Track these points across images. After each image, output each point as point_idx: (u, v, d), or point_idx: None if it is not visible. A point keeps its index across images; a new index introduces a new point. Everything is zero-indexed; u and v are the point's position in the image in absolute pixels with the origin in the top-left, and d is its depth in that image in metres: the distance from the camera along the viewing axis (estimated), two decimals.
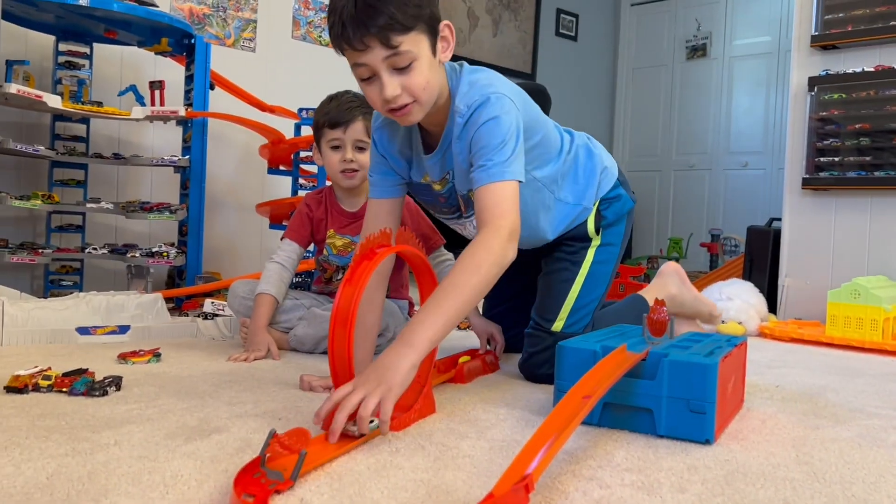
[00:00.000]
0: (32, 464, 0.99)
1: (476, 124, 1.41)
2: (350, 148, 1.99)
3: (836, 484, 1.02)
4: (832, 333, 2.49)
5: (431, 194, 1.64)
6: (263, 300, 1.95)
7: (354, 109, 1.98)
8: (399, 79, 1.32)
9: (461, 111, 1.43)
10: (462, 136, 1.44)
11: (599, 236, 1.79)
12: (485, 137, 1.40)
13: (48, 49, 2.85)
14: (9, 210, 2.68)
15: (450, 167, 1.54)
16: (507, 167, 1.38)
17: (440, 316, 1.25)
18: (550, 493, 0.94)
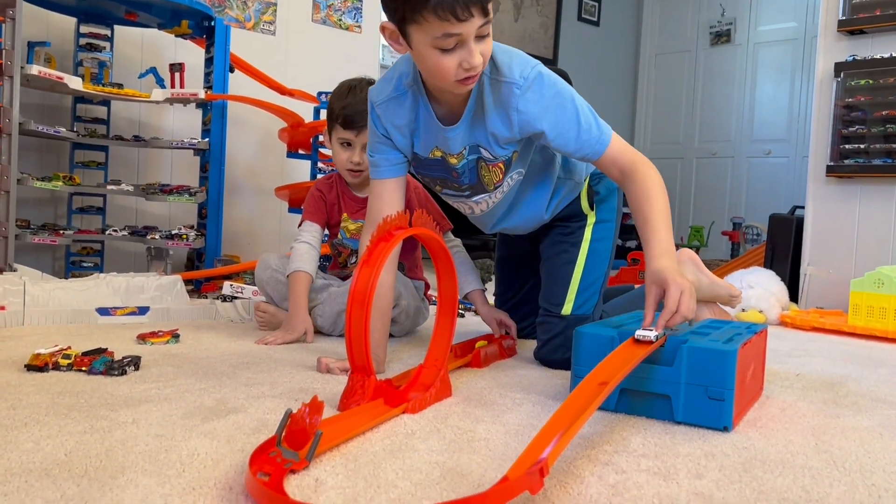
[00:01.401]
0: (52, 440, 0.99)
1: (540, 99, 1.44)
2: (359, 150, 1.95)
3: (855, 472, 1.01)
4: (854, 323, 2.46)
5: (443, 169, 1.60)
6: (300, 278, 1.90)
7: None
8: (480, 47, 1.34)
9: (517, 82, 1.43)
10: (521, 108, 1.44)
11: (594, 213, 1.78)
12: (566, 114, 1.46)
13: (69, 31, 2.86)
14: (31, 191, 2.70)
15: (477, 139, 1.52)
16: (603, 129, 1.48)
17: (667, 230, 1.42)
18: (566, 477, 0.93)
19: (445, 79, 1.37)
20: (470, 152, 1.55)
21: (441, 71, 1.35)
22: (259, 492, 0.80)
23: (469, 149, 1.54)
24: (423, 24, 1.29)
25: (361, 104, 1.87)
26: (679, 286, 1.29)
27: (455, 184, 1.64)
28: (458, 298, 1.35)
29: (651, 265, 1.36)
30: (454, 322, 1.34)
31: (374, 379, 1.20)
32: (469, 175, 1.60)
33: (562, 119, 1.45)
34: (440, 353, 1.32)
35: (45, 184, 2.53)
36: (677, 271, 1.33)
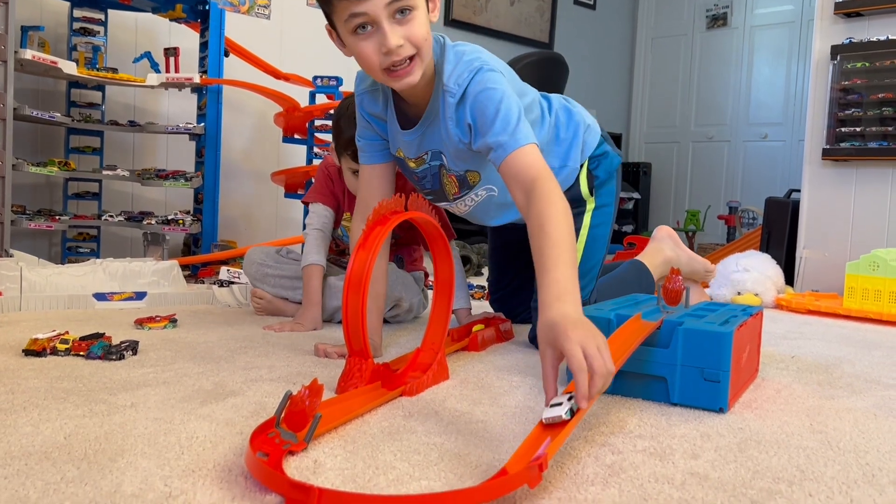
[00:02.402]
0: (51, 424, 1.00)
1: (471, 103, 1.36)
2: None
3: (849, 453, 1.02)
4: (850, 305, 2.47)
5: (407, 170, 1.58)
6: (314, 272, 1.85)
7: None
8: (401, 29, 1.25)
9: (451, 90, 1.36)
10: (457, 118, 1.38)
11: (594, 198, 1.74)
12: (486, 114, 1.34)
13: (63, 15, 2.84)
14: (26, 177, 2.70)
15: (430, 147, 1.47)
16: (518, 135, 1.32)
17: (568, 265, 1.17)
18: (562, 458, 0.94)
19: (372, 68, 1.31)
20: (432, 158, 1.50)
21: (365, 59, 1.29)
22: (259, 470, 0.81)
23: (431, 154, 1.49)
24: (336, 10, 1.26)
25: None
26: (578, 340, 0.98)
27: (421, 187, 1.61)
28: (454, 282, 1.36)
29: (542, 316, 1.08)
30: (451, 306, 1.34)
31: (372, 362, 1.20)
32: (431, 181, 1.56)
33: (481, 118, 1.35)
34: (437, 336, 1.32)
35: (41, 169, 2.52)
36: (576, 320, 1.04)
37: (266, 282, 1.98)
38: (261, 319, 1.92)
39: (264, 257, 1.99)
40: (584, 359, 0.96)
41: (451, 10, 5.33)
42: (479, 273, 3.30)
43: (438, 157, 1.50)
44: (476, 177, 1.52)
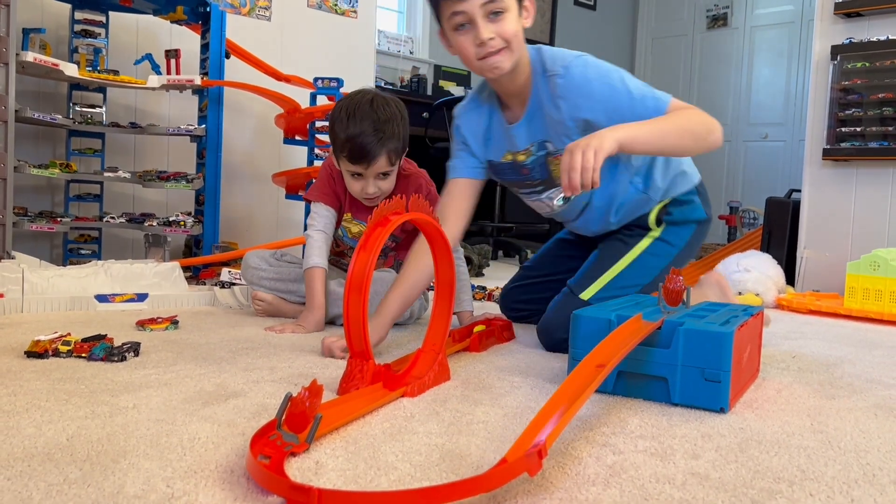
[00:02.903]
0: (53, 426, 1.00)
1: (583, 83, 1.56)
2: (373, 180, 1.85)
3: (850, 452, 1.02)
4: (850, 305, 2.47)
5: (514, 170, 1.74)
6: (316, 274, 1.84)
7: (377, 145, 1.78)
8: (493, 25, 1.48)
9: (558, 72, 1.57)
10: (565, 95, 1.57)
11: (660, 229, 1.78)
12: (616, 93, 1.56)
13: (64, 17, 2.85)
14: (28, 179, 2.70)
15: (535, 138, 1.66)
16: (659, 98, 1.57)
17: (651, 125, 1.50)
18: (564, 458, 0.94)
19: (469, 60, 1.52)
20: (538, 148, 1.68)
21: (463, 52, 1.52)
22: (260, 474, 0.81)
23: (536, 145, 1.68)
24: (442, 10, 1.49)
25: (367, 135, 1.77)
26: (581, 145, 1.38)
27: (528, 181, 1.76)
28: (454, 284, 1.36)
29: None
30: (451, 307, 1.35)
31: (373, 363, 1.21)
32: (539, 171, 1.72)
33: (612, 98, 1.56)
34: (438, 337, 1.32)
35: (42, 171, 2.52)
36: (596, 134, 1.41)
37: (262, 285, 1.98)
38: (262, 321, 1.92)
39: (259, 262, 1.99)
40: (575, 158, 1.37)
41: None
42: (479, 274, 3.30)
43: (544, 146, 1.68)
44: None
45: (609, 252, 1.79)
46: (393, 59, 4.98)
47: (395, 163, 1.86)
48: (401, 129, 1.85)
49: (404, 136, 1.87)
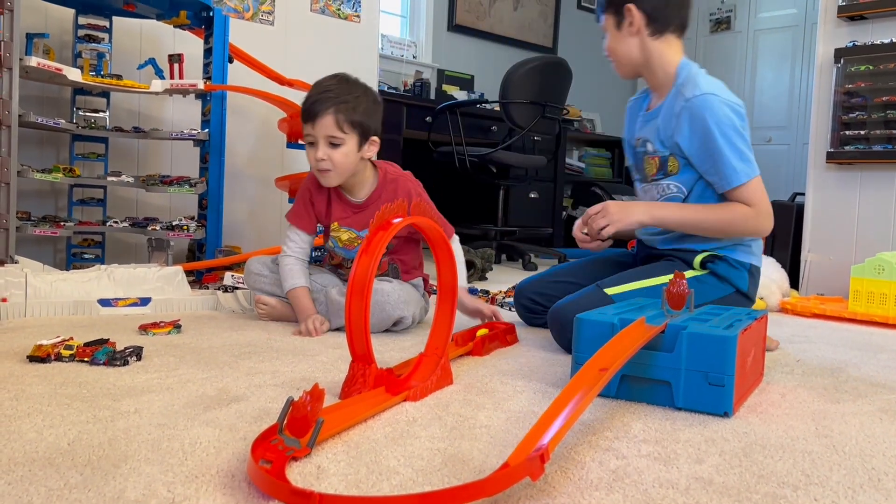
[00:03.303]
0: (54, 430, 1.00)
1: (694, 119, 1.73)
2: (322, 144, 1.82)
3: (855, 457, 1.01)
4: (855, 309, 2.46)
5: (634, 153, 1.97)
6: (300, 293, 1.89)
7: (325, 101, 1.80)
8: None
9: (685, 94, 1.76)
10: (681, 115, 1.76)
11: (701, 272, 1.81)
12: (710, 140, 1.71)
13: (68, 22, 2.85)
14: (31, 183, 2.70)
15: (642, 135, 1.88)
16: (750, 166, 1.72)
17: (682, 211, 1.77)
18: (567, 462, 0.94)
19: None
20: (641, 144, 1.90)
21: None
22: (261, 479, 0.81)
23: (642, 141, 1.89)
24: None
25: (316, 94, 1.82)
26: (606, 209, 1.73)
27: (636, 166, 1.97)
28: (457, 287, 1.36)
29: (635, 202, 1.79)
30: (454, 311, 1.34)
31: (375, 367, 1.20)
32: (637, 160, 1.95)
33: (706, 143, 1.72)
34: (441, 341, 1.32)
35: (46, 176, 2.52)
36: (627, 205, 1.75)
37: (265, 291, 1.98)
38: (265, 325, 1.92)
39: (260, 268, 2.00)
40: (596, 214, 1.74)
41: (454, 15, 5.33)
42: (483, 278, 3.30)
43: (644, 144, 1.90)
44: (676, 166, 1.82)
45: (651, 268, 1.83)
46: (396, 63, 4.98)
47: (348, 132, 1.82)
48: (362, 104, 1.84)
49: (366, 114, 1.85)
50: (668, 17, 1.81)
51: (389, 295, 1.83)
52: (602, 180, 5.83)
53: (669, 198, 1.85)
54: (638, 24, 1.80)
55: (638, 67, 1.87)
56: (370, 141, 1.89)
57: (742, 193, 1.73)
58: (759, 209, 1.74)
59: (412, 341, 1.78)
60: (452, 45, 5.39)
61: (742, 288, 1.82)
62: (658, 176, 1.86)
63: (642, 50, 1.83)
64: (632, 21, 1.80)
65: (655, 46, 1.83)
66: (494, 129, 4.64)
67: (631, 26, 1.81)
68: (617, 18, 1.83)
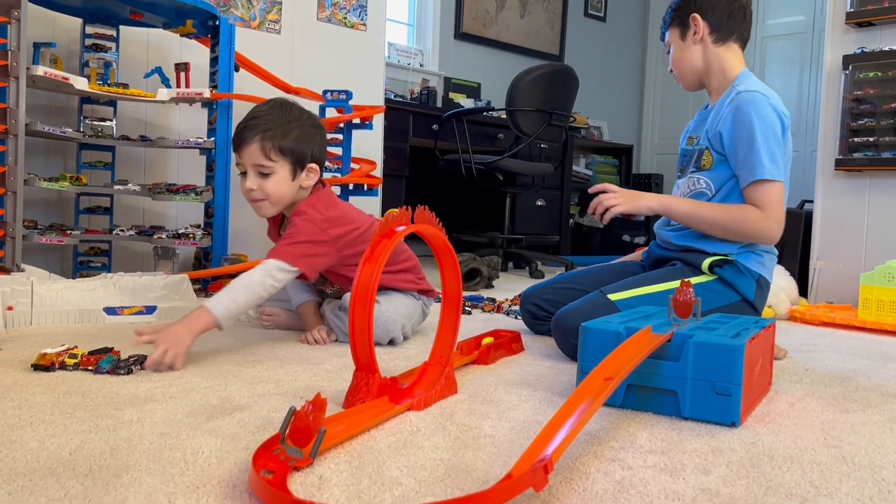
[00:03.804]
0: (56, 439, 0.99)
1: (739, 109, 1.77)
2: (252, 174, 1.74)
3: (865, 468, 1.00)
4: (865, 317, 2.44)
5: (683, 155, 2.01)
6: (308, 308, 1.91)
7: (252, 128, 1.71)
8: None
9: (738, 88, 1.82)
10: (729, 106, 1.81)
11: (709, 277, 1.80)
12: (746, 131, 1.75)
13: (75, 32, 2.86)
14: (38, 192, 2.71)
15: (701, 127, 1.92)
16: (776, 169, 1.75)
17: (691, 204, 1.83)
18: (571, 473, 0.93)
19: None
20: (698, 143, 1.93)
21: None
22: (263, 490, 0.80)
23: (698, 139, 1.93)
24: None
25: (246, 121, 1.73)
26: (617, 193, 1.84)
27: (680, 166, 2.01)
28: (462, 295, 1.35)
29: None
30: (458, 319, 1.34)
31: (379, 376, 1.19)
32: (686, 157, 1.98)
33: (740, 135, 1.77)
34: (445, 350, 1.31)
35: (52, 184, 2.53)
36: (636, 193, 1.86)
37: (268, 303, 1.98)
38: (269, 333, 1.92)
39: None
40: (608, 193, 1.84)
41: (461, 23, 5.34)
42: (489, 286, 3.29)
43: (693, 142, 1.95)
44: (709, 160, 1.86)
45: (655, 275, 1.83)
46: (403, 71, 4.99)
47: (276, 159, 1.72)
48: (294, 130, 1.73)
49: (299, 140, 1.74)
50: (730, 27, 1.91)
51: (377, 319, 1.74)
52: None
53: (697, 193, 1.88)
54: (702, 31, 1.90)
55: (700, 75, 1.95)
56: (308, 168, 1.77)
57: (760, 190, 1.75)
58: (770, 213, 1.76)
59: (416, 350, 1.77)
60: (459, 52, 5.39)
61: (748, 297, 1.81)
62: (692, 169, 1.92)
63: (705, 57, 1.92)
64: (696, 30, 1.90)
65: (718, 52, 1.91)
66: (501, 137, 4.64)
67: (695, 35, 1.91)
68: (682, 30, 1.93)
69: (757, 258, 1.83)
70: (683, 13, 1.92)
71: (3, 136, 2.19)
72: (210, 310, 1.55)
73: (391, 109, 3.93)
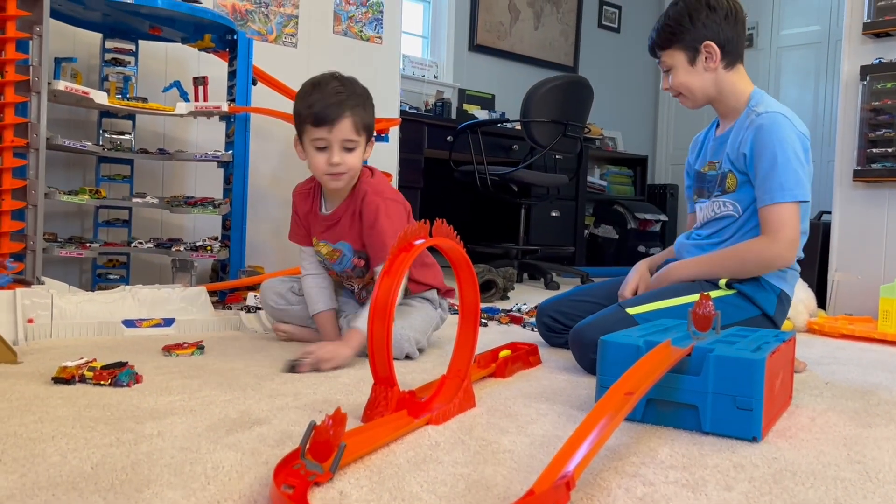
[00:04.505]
0: (78, 454, 1.00)
1: (761, 131, 1.76)
2: (337, 149, 1.75)
3: (890, 484, 0.99)
4: (885, 330, 2.42)
5: (701, 179, 1.98)
6: (326, 318, 1.90)
7: (342, 105, 1.72)
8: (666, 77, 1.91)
9: (759, 111, 1.79)
10: (751, 127, 1.79)
11: (727, 291, 1.79)
12: (768, 153, 1.74)
13: (95, 46, 2.90)
14: (58, 205, 2.74)
15: (722, 152, 1.87)
16: (791, 190, 1.72)
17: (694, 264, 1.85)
18: (592, 489, 0.92)
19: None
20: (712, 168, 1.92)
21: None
22: None
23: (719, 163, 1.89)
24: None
25: (331, 96, 1.72)
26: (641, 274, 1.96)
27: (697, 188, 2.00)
28: (479, 308, 1.35)
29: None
30: (476, 332, 1.33)
31: (398, 390, 1.19)
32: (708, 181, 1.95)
33: (762, 155, 1.75)
34: (463, 363, 1.31)
35: (72, 197, 2.56)
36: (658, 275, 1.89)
37: (282, 318, 2.00)
38: (287, 345, 1.92)
39: (276, 299, 2.01)
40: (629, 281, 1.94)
41: (475, 35, 5.36)
42: (504, 297, 3.28)
43: (716, 167, 1.91)
44: (734, 183, 1.85)
45: (674, 288, 1.82)
46: (417, 83, 5.01)
47: (361, 135, 1.76)
48: (369, 105, 1.80)
49: (371, 115, 1.81)
50: (739, 51, 1.88)
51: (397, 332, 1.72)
52: (624, 198, 5.80)
53: (723, 216, 1.87)
54: (717, 59, 1.84)
55: (710, 99, 1.92)
56: (370, 143, 1.85)
57: (772, 213, 1.74)
58: (779, 236, 1.74)
59: (434, 363, 1.77)
60: (473, 64, 5.41)
61: (769, 311, 1.80)
62: (716, 192, 1.90)
63: (717, 83, 1.88)
64: (711, 57, 1.85)
65: (729, 77, 1.88)
66: (515, 148, 4.64)
67: (708, 62, 1.85)
68: (690, 55, 1.86)
69: (779, 273, 1.82)
70: (690, 37, 1.85)
71: (25, 150, 2.21)
72: (361, 330, 1.64)
73: (406, 121, 3.94)
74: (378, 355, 1.17)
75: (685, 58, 1.87)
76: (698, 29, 1.84)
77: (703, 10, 1.84)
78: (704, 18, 1.84)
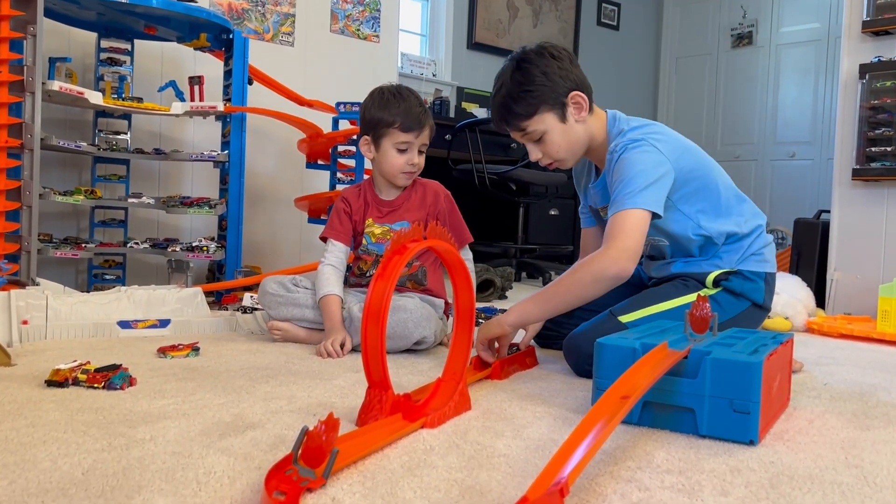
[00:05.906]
0: (69, 459, 0.99)
1: (617, 162, 1.68)
2: (415, 151, 2.01)
3: (888, 489, 0.98)
4: (884, 329, 2.41)
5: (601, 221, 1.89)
6: (331, 301, 1.92)
7: (427, 114, 2.02)
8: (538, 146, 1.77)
9: (612, 150, 1.72)
10: (614, 164, 1.70)
11: (714, 290, 1.77)
12: (618, 174, 1.67)
13: (90, 46, 2.89)
14: (53, 205, 2.73)
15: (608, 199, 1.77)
16: (632, 197, 1.61)
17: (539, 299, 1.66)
18: (587, 494, 0.91)
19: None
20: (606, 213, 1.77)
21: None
22: None
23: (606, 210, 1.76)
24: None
25: (416, 109, 1.99)
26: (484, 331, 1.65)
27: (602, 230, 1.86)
28: (475, 311, 1.34)
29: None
30: (472, 334, 1.33)
31: (392, 394, 1.19)
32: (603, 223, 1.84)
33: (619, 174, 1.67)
34: (458, 366, 1.30)
35: (67, 198, 2.55)
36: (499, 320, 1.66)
37: (279, 311, 1.98)
38: (282, 347, 1.91)
39: (277, 287, 2.01)
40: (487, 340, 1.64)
41: (473, 33, 5.35)
42: (503, 297, 3.27)
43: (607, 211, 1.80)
44: None
45: (664, 290, 1.78)
46: (416, 81, 5.00)
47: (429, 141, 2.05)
48: None
49: None
50: (590, 88, 1.79)
51: (412, 312, 1.84)
52: None
53: (655, 246, 1.86)
54: (586, 106, 1.75)
55: (585, 151, 1.82)
56: None
57: (616, 219, 1.62)
58: (614, 243, 1.59)
59: (429, 364, 1.76)
60: (472, 62, 5.40)
61: (758, 300, 1.79)
62: None
63: (587, 131, 1.78)
64: (582, 106, 1.74)
65: (592, 122, 1.79)
66: (514, 147, 4.63)
67: (580, 112, 1.75)
68: (559, 112, 1.73)
69: (757, 258, 1.79)
70: (554, 94, 1.71)
71: (19, 151, 2.20)
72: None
73: None
74: (372, 359, 1.17)
75: (555, 117, 1.73)
76: (557, 83, 1.71)
77: (551, 63, 1.72)
78: (558, 70, 1.72)
